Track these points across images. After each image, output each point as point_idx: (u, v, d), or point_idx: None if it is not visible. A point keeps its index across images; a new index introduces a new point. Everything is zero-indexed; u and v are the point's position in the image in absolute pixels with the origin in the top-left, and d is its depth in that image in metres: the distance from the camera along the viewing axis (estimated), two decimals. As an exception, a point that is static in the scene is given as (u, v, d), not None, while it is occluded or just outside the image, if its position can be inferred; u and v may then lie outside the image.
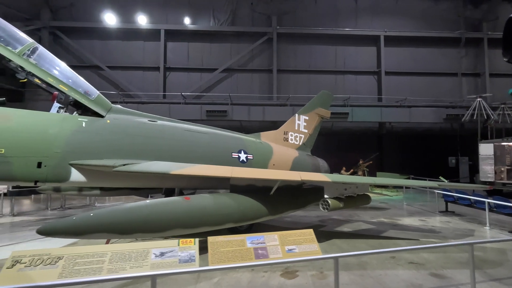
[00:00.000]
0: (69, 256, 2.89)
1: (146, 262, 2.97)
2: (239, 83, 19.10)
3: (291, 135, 12.40)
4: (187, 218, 5.02)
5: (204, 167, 6.60)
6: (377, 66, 19.91)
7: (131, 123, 7.35)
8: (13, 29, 6.17)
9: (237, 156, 9.21)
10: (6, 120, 5.49)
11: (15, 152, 5.42)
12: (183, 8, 18.92)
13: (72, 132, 6.17)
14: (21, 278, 2.66)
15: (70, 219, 4.14)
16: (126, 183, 7.14)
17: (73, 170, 6.11)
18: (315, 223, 8.58)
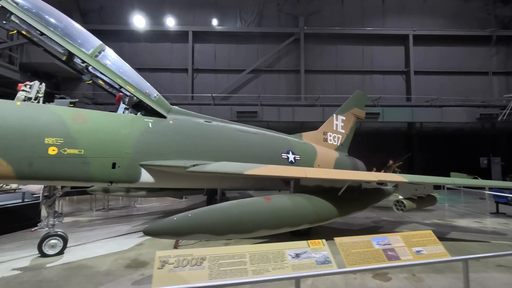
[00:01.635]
0: (211, 257, 2.85)
1: (285, 263, 2.91)
2: (266, 83, 19.05)
3: (330, 136, 12.30)
4: (271, 218, 4.96)
5: (276, 167, 6.55)
6: (405, 66, 19.61)
7: (191, 123, 7.37)
8: (84, 31, 6.24)
9: (286, 157, 9.17)
10: (83, 121, 5.53)
11: (93, 153, 5.46)
12: (210, 9, 18.99)
13: (140, 133, 6.20)
14: (175, 278, 2.64)
15: (172, 220, 4.12)
16: (193, 183, 7.14)
17: (143, 170, 6.14)
18: (369, 224, 8.43)
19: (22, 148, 4.79)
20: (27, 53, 13.53)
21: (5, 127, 4.71)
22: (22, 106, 5.08)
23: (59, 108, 5.46)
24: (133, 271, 4.89)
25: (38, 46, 6.41)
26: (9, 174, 4.73)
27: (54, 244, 5.71)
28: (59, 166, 5.13)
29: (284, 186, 8.58)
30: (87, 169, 5.44)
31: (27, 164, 4.84)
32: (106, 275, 4.74)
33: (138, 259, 5.50)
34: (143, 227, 8.27)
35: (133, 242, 6.71)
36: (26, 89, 5.47)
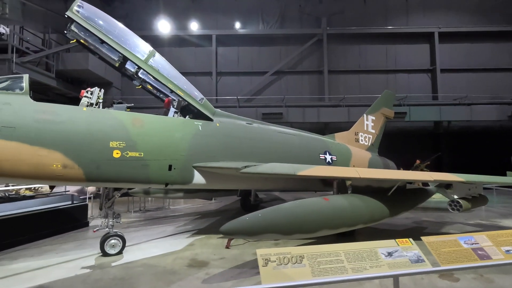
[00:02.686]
0: (309, 255, 2.92)
1: (380, 261, 2.95)
2: (289, 85, 19.10)
3: (361, 136, 12.24)
4: (332, 218, 5.01)
5: (328, 168, 6.62)
6: (431, 64, 19.27)
7: (236, 126, 7.50)
8: (137, 37, 6.46)
9: (324, 158, 9.20)
10: (141, 125, 5.73)
11: (151, 156, 5.64)
12: (233, 13, 19.21)
13: (192, 136, 6.37)
14: (281, 275, 2.72)
15: (244, 220, 4.23)
16: (242, 184, 7.28)
17: (195, 172, 6.30)
18: (411, 225, 8.33)
19: (90, 151, 5.01)
20: (63, 61, 14.06)
21: (75, 132, 4.94)
22: (88, 112, 5.31)
23: (119, 112, 5.68)
24: (197, 270, 5.02)
25: (93, 54, 6.71)
26: (80, 176, 4.96)
27: (114, 244, 5.92)
28: (122, 169, 5.33)
29: (323, 187, 8.62)
30: (147, 171, 5.62)
31: (95, 167, 5.06)
32: (173, 274, 4.90)
33: (196, 258, 5.64)
34: (185, 227, 8.50)
35: (184, 242, 6.87)
36: (88, 95, 5.73)
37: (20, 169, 4.49)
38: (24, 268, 5.25)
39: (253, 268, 5.09)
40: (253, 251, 6.08)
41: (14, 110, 4.56)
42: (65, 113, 5.01)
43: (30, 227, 6.92)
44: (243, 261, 5.47)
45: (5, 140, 4.34)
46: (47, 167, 4.67)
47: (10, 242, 6.45)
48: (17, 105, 4.63)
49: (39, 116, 4.73)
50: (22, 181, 4.81)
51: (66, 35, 6.23)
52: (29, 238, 6.87)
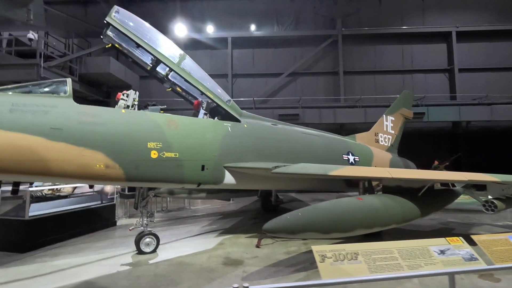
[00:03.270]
0: (363, 252, 2.98)
1: (434, 259, 2.99)
2: (304, 86, 19.13)
3: (381, 136, 12.20)
4: (367, 218, 5.04)
5: (358, 168, 6.67)
6: (448, 63, 19.01)
7: (262, 127, 7.62)
8: (169, 41, 6.64)
9: (347, 158, 9.20)
10: (176, 126, 5.88)
11: (186, 156, 5.78)
12: (248, 15, 19.39)
13: (223, 137, 6.49)
14: (340, 271, 2.78)
15: (285, 219, 4.32)
16: (271, 184, 7.37)
17: (226, 172, 6.41)
18: (438, 226, 8.26)
19: (130, 152, 5.18)
20: (85, 65, 14.45)
21: (116, 133, 5.12)
22: (126, 114, 5.49)
23: (155, 114, 5.85)
24: (234, 268, 5.12)
25: (126, 58, 6.93)
26: (120, 176, 5.13)
27: (149, 243, 6.08)
28: (159, 169, 5.48)
29: (346, 187, 8.63)
30: (182, 171, 5.77)
31: (135, 167, 5.22)
32: (211, 271, 5.01)
33: (229, 257, 5.75)
34: (211, 227, 8.63)
35: (213, 241, 6.99)
36: (124, 98, 5.92)
37: (67, 169, 4.68)
38: (66, 264, 5.46)
39: (289, 267, 5.18)
40: (283, 250, 6.16)
41: (60, 113, 4.76)
42: (106, 115, 5.20)
43: (66, 225, 7.17)
44: (276, 260, 5.55)
45: (53, 141, 4.54)
46: (91, 167, 4.85)
47: (50, 239, 6.69)
48: (62, 108, 4.83)
49: (83, 118, 4.92)
50: (68, 180, 5.00)
51: (102, 39, 6.45)
52: (65, 236, 7.11)
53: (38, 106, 4.63)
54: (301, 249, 6.18)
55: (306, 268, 5.08)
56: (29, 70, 11.42)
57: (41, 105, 4.66)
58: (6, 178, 4.76)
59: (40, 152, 4.45)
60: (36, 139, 4.43)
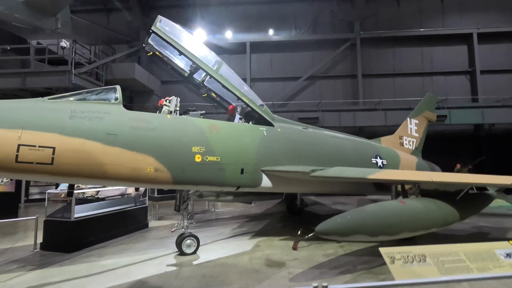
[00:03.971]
0: (430, 254, 3.04)
1: (501, 262, 3.03)
2: (322, 89, 19.18)
3: (405, 140, 12.14)
4: (411, 221, 5.08)
5: (395, 171, 6.72)
6: (469, 65, 18.75)
7: (295, 130, 7.73)
8: (207, 49, 6.85)
9: (375, 162, 9.20)
10: (217, 131, 6.06)
11: (227, 160, 5.95)
12: (266, 20, 19.62)
13: (259, 141, 6.64)
14: (412, 272, 2.85)
15: (336, 221, 4.41)
16: (304, 188, 7.48)
17: (263, 176, 6.55)
18: (471, 230, 8.17)
19: (177, 156, 5.37)
20: (111, 71, 14.90)
21: (164, 138, 5.33)
22: (172, 119, 5.71)
23: (198, 119, 6.05)
24: (278, 270, 5.23)
25: (166, 65, 7.19)
26: (168, 179, 5.32)
27: (189, 244, 6.25)
28: (203, 172, 5.67)
29: (375, 191, 8.63)
30: (223, 174, 5.94)
31: (181, 170, 5.41)
32: (256, 272, 5.13)
33: (270, 259, 5.86)
34: (242, 230, 8.75)
35: (249, 243, 7.11)
36: (167, 104, 6.15)
37: (121, 173, 4.90)
38: (115, 264, 5.67)
39: (332, 269, 5.25)
40: (321, 253, 6.23)
41: (114, 119, 4.99)
42: (154, 120, 5.42)
43: (106, 227, 7.42)
44: (317, 262, 5.63)
45: (109, 146, 4.77)
46: (142, 170, 5.06)
47: (92, 240, 6.95)
48: (115, 114, 5.07)
49: (134, 123, 5.15)
50: (121, 183, 5.21)
51: (144, 48, 6.73)
52: (105, 237, 7.36)
53: (93, 113, 4.88)
54: (339, 252, 6.24)
55: (350, 270, 5.14)
56: (61, 77, 11.88)
57: (96, 112, 4.91)
58: (67, 181, 5.01)
59: (97, 156, 4.69)
60: (94, 144, 4.67)
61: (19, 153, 4.17)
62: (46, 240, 6.70)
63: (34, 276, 5.09)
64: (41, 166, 4.33)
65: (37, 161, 4.29)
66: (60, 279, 4.94)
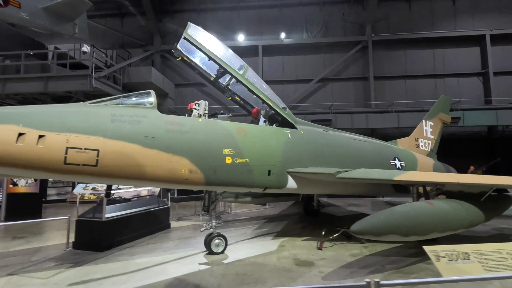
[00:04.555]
0: (473, 252, 3.17)
1: (542, 260, 3.13)
2: (334, 92, 19.30)
3: (421, 142, 12.20)
4: (440, 222, 5.18)
5: (421, 173, 6.83)
6: (482, 67, 18.71)
7: (317, 133, 7.88)
8: (233, 53, 7.04)
9: (394, 163, 9.30)
10: (245, 133, 6.23)
11: (255, 162, 6.13)
12: (277, 23, 19.84)
13: (284, 143, 6.80)
14: (458, 270, 2.98)
15: (370, 221, 4.55)
16: (327, 189, 7.61)
17: (289, 177, 6.70)
18: (492, 232, 8.19)
19: (209, 158, 5.55)
20: (128, 74, 15.23)
21: (197, 140, 5.51)
22: (203, 122, 5.90)
23: (226, 122, 6.24)
24: (308, 269, 5.37)
25: (193, 70, 7.41)
26: (201, 180, 5.50)
27: (218, 243, 6.42)
28: (232, 174, 5.84)
29: (394, 193, 8.72)
30: (251, 176, 6.11)
31: (213, 172, 5.59)
32: (288, 271, 5.27)
33: (298, 258, 6.00)
34: (262, 230, 8.89)
35: (273, 243, 7.26)
36: (196, 107, 6.34)
37: (158, 174, 5.09)
38: (148, 263, 5.85)
39: (362, 268, 5.37)
40: (347, 253, 6.34)
41: (151, 122, 5.20)
42: (187, 123, 5.61)
43: (133, 227, 7.63)
44: (345, 261, 5.75)
45: (148, 148, 4.97)
46: (177, 172, 5.25)
47: (121, 239, 7.16)
48: (152, 117, 5.27)
49: (169, 126, 5.35)
50: (158, 184, 5.42)
51: (173, 53, 6.95)
52: (132, 237, 7.57)
53: (132, 116, 5.08)
54: (364, 252, 6.35)
55: (380, 270, 5.26)
56: (83, 81, 12.20)
57: (134, 115, 5.11)
58: (109, 182, 5.22)
59: (137, 158, 4.88)
60: (134, 147, 4.87)
61: (67, 155, 4.38)
62: (78, 239, 6.93)
63: (74, 273, 5.30)
64: (86, 168, 4.54)
65: (83, 162, 4.50)
66: (99, 276, 5.14)
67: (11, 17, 13.36)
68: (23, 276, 5.21)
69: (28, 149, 4.17)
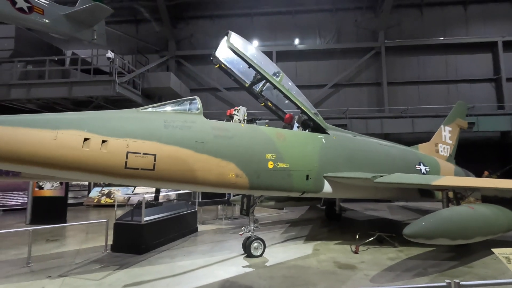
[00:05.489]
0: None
1: None
2: (347, 97, 19.48)
3: (441, 147, 12.32)
4: (483, 226, 5.30)
5: (457, 178, 6.95)
6: (494, 73, 18.89)
7: (348, 138, 8.03)
8: (269, 60, 7.23)
9: (419, 168, 9.41)
10: (283, 139, 6.38)
11: (294, 166, 6.27)
12: (291, 29, 20.12)
13: (320, 148, 6.95)
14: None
15: (421, 225, 4.67)
16: (359, 193, 7.71)
17: (325, 182, 6.83)
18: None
19: (253, 162, 5.70)
20: (147, 80, 15.47)
21: (242, 146, 5.66)
22: (245, 128, 6.05)
23: (266, 128, 6.39)
24: (353, 272, 5.47)
25: (229, 76, 7.59)
26: (246, 185, 5.64)
27: (257, 247, 6.54)
28: (274, 178, 5.97)
29: (419, 197, 8.83)
30: (291, 180, 6.24)
31: (257, 176, 5.72)
32: (334, 274, 5.39)
33: (338, 262, 6.11)
34: (290, 234, 8.98)
35: (305, 247, 7.39)
36: (236, 113, 6.49)
37: (208, 178, 5.23)
38: (192, 265, 5.97)
39: (405, 271, 5.46)
40: (384, 256, 6.44)
41: (200, 127, 5.35)
42: (232, 129, 5.77)
43: (167, 230, 7.76)
44: (385, 265, 5.85)
45: (199, 153, 5.12)
46: (225, 176, 5.39)
47: (157, 242, 7.29)
48: (200, 123, 5.43)
49: (216, 132, 5.50)
50: (208, 188, 5.55)
51: (212, 61, 7.15)
52: (166, 240, 7.69)
53: (182, 122, 5.24)
54: (401, 256, 6.44)
55: (423, 273, 5.34)
56: (106, 86, 12.42)
57: (184, 121, 5.27)
58: (164, 186, 5.37)
59: (190, 163, 5.03)
60: (186, 152, 5.02)
61: (127, 160, 4.53)
62: (116, 242, 7.06)
63: (125, 275, 5.42)
64: (144, 172, 4.69)
65: (142, 167, 4.65)
66: (150, 278, 5.26)
67: (34, 24, 13.65)
68: (75, 277, 5.35)
69: (93, 154, 4.32)
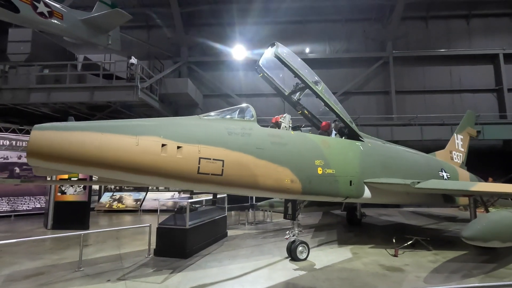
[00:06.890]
0: None
1: None
2: (356, 105, 19.94)
3: (454, 154, 12.80)
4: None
5: (495, 184, 7.30)
6: (496, 84, 19.69)
7: (380, 145, 8.38)
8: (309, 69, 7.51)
9: (442, 175, 9.79)
10: (328, 146, 6.64)
11: (340, 172, 6.52)
12: (301, 39, 20.58)
13: (359, 155, 7.24)
14: None
15: (476, 228, 4.96)
16: (397, 199, 8.01)
17: (365, 187, 7.09)
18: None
19: (305, 168, 5.94)
20: (165, 85, 15.61)
21: (295, 152, 5.91)
22: (295, 135, 6.30)
23: (312, 135, 6.67)
24: (403, 274, 5.70)
25: (269, 84, 7.85)
26: (299, 190, 5.87)
27: (302, 250, 6.72)
28: (323, 184, 6.22)
29: (443, 203, 9.18)
30: (337, 186, 6.49)
31: (308, 182, 5.97)
32: (385, 276, 5.60)
33: (383, 265, 6.34)
34: (321, 239, 9.13)
35: (343, 250, 7.60)
36: (282, 121, 6.73)
37: (267, 183, 5.45)
38: (243, 269, 6.11)
39: (452, 273, 5.72)
40: (424, 259, 6.69)
41: (257, 134, 5.58)
42: (284, 136, 6.01)
43: (205, 234, 7.88)
44: (430, 267, 6.10)
45: (259, 159, 5.33)
46: (282, 181, 5.62)
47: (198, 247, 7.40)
48: (257, 130, 5.66)
49: (272, 139, 5.73)
50: (266, 193, 5.75)
51: (256, 70, 7.41)
52: (205, 244, 7.81)
53: (241, 129, 5.45)
54: (440, 259, 6.71)
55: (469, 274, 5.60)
56: (129, 92, 12.52)
57: (243, 128, 5.48)
58: (229, 191, 5.52)
59: (252, 168, 5.24)
60: (249, 158, 5.24)
61: (200, 165, 4.72)
62: (159, 246, 7.13)
63: (184, 278, 5.53)
64: (214, 177, 4.88)
65: (212, 172, 4.84)
66: (209, 281, 5.38)
67: (53, 28, 13.72)
68: (136, 281, 5.44)
69: (171, 159, 4.50)
